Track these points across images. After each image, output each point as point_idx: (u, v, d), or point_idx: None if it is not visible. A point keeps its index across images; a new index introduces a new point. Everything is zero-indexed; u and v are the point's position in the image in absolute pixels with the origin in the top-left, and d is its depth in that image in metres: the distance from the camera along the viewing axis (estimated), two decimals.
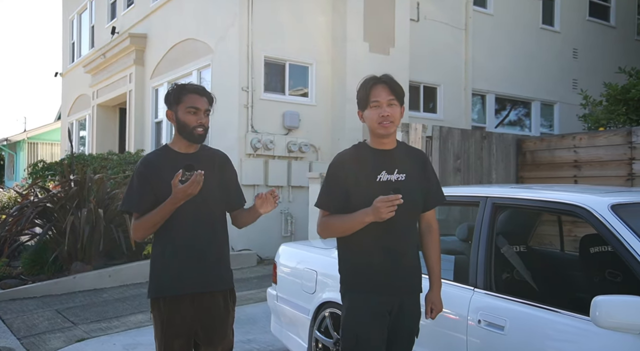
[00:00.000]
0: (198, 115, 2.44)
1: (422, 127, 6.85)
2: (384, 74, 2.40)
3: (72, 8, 16.62)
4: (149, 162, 2.51)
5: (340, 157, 2.39)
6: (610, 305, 1.98)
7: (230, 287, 2.57)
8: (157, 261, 2.47)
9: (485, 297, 2.64)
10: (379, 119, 2.28)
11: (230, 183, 2.61)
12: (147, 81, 11.48)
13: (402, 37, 10.06)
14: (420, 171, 2.38)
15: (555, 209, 2.57)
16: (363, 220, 2.20)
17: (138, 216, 2.43)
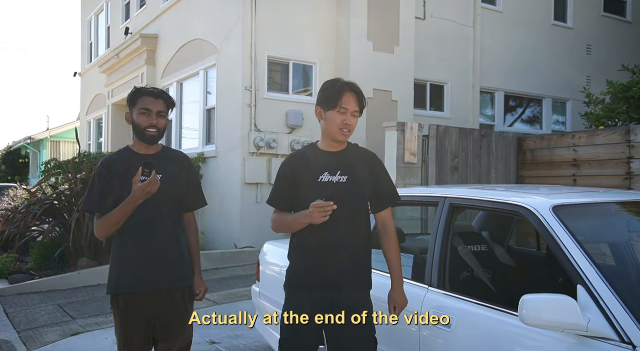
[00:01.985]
0: (150, 116, 2.52)
1: (419, 126, 6.87)
2: (351, 81, 2.45)
3: (90, 9, 17.01)
4: (109, 163, 2.59)
5: (289, 157, 2.52)
6: (537, 304, 2.02)
7: (189, 284, 2.66)
8: (116, 258, 2.56)
9: (437, 296, 2.70)
10: (341, 125, 2.35)
11: (189, 184, 2.69)
12: (158, 81, 11.70)
13: (407, 35, 10.06)
14: (367, 173, 2.43)
15: (504, 210, 2.60)
16: (302, 221, 2.31)
17: (100, 216, 2.53)
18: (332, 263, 2.36)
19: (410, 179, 6.74)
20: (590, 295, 2.03)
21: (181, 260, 2.62)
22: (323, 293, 2.36)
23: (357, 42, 9.41)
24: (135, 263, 2.52)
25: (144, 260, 2.51)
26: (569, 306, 2.00)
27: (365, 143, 9.24)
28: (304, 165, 2.41)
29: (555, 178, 7.23)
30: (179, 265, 2.60)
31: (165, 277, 2.54)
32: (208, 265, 7.89)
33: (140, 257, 2.52)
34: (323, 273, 2.36)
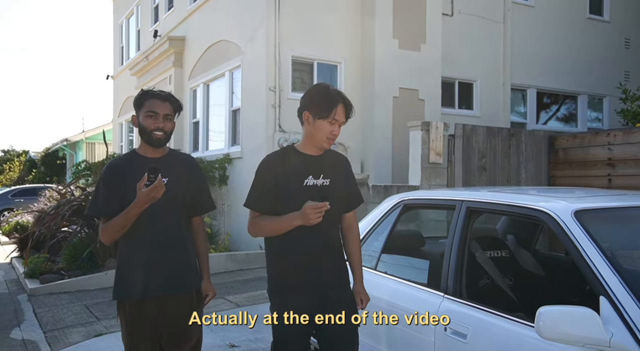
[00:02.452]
0: (156, 119, 2.47)
1: (444, 125, 6.72)
2: (340, 91, 2.48)
3: (121, 13, 17.32)
4: (114, 166, 2.55)
5: (269, 159, 2.47)
6: (555, 316, 1.90)
7: (196, 289, 2.60)
8: (122, 263, 2.52)
9: (453, 304, 2.58)
10: (329, 135, 2.38)
11: (196, 188, 2.62)
12: (186, 82, 11.81)
13: (434, 32, 9.85)
14: (342, 175, 2.51)
15: (523, 214, 2.47)
16: (291, 223, 2.32)
17: (105, 220, 2.48)
18: (323, 264, 2.41)
19: (435, 180, 6.58)
20: (613, 307, 1.89)
21: (187, 264, 2.57)
22: (314, 293, 2.39)
23: (382, 41, 9.26)
24: (141, 269, 2.46)
25: (149, 265, 2.46)
26: (589, 319, 1.86)
27: (391, 143, 9.11)
28: (286, 168, 2.41)
29: (588, 178, 6.95)
30: (185, 270, 2.55)
31: (172, 282, 2.49)
32: (232, 266, 7.90)
33: (146, 263, 2.46)
34: (316, 274, 2.39)
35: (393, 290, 2.97)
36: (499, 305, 2.48)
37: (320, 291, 2.40)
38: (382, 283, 3.07)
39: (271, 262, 2.49)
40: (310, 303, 2.39)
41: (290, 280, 2.42)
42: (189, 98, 11.72)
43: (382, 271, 3.15)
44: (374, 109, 9.14)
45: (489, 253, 2.90)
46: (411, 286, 2.89)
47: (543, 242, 4.12)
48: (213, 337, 4.95)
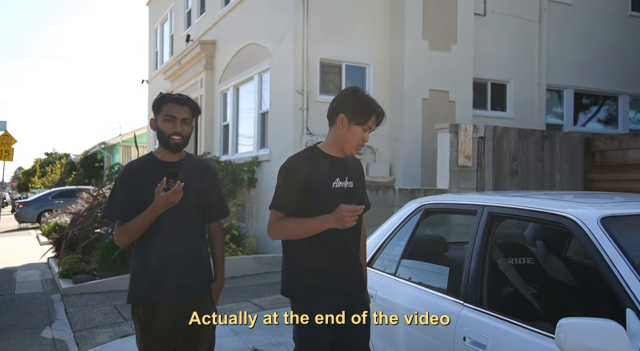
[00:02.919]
0: (174, 123, 2.45)
1: (473, 127, 6.56)
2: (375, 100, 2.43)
3: (155, 19, 17.68)
4: (131, 169, 2.54)
5: (296, 160, 2.41)
6: (577, 329, 1.79)
7: (210, 293, 2.58)
8: (136, 267, 2.50)
9: (472, 313, 2.48)
10: (360, 142, 2.37)
11: (211, 193, 2.60)
12: (216, 86, 11.94)
13: (465, 32, 9.67)
14: (360, 178, 2.52)
15: (547, 221, 2.35)
16: (322, 226, 2.27)
17: (121, 223, 2.46)
18: (349, 267, 2.41)
19: (464, 183, 6.43)
20: None
21: (201, 269, 2.54)
22: (340, 296, 2.38)
23: (412, 42, 9.14)
24: (156, 273, 2.44)
25: (164, 270, 2.44)
26: (614, 333, 1.75)
27: (421, 146, 8.96)
28: (314, 169, 2.36)
29: (628, 182, 6.67)
30: (199, 274, 2.53)
31: (185, 287, 2.47)
32: (259, 268, 7.91)
33: (160, 267, 2.44)
34: (343, 277, 2.39)
35: (412, 296, 2.89)
36: (523, 315, 2.36)
37: (346, 295, 2.40)
38: (401, 289, 2.99)
39: (297, 265, 2.42)
40: (336, 306, 2.36)
41: (319, 283, 2.37)
42: (219, 101, 11.84)
43: (402, 277, 3.07)
44: (403, 111, 9.01)
45: (512, 260, 2.78)
46: (430, 293, 2.80)
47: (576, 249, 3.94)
48: (236, 340, 4.94)
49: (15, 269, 9.66)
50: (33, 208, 19.62)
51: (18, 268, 9.72)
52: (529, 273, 2.79)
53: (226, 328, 5.25)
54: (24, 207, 20.11)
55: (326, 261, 2.35)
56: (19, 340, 5.25)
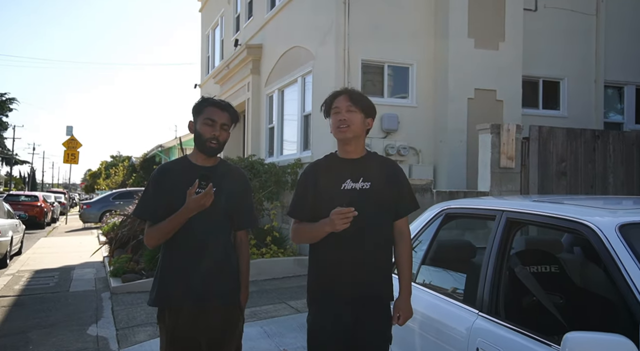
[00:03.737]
0: (214, 127, 2.43)
1: (516, 127, 6.31)
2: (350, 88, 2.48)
3: (207, 24, 18.15)
4: (164, 170, 2.53)
5: (310, 166, 2.48)
6: (583, 344, 1.67)
7: (237, 302, 2.52)
8: (163, 271, 2.48)
9: (487, 323, 2.37)
10: (337, 123, 2.35)
11: (241, 201, 2.56)
12: (262, 89, 12.10)
13: (514, 29, 9.32)
14: (389, 179, 2.39)
15: (564, 227, 2.21)
16: (323, 229, 2.26)
17: (151, 224, 2.46)
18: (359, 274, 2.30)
19: (507, 185, 6.19)
20: None
21: (230, 277, 2.49)
22: (349, 305, 2.31)
23: (457, 40, 8.90)
24: (183, 278, 2.41)
25: (191, 274, 2.40)
26: (624, 349, 1.62)
27: (466, 147, 8.71)
28: (324, 174, 2.39)
29: None
30: (227, 282, 2.47)
31: (213, 294, 2.42)
32: (299, 270, 7.92)
33: (188, 271, 2.41)
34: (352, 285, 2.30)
35: (429, 303, 2.80)
36: (543, 328, 2.23)
37: (355, 304, 2.31)
38: (419, 295, 2.90)
39: (309, 270, 2.45)
40: (343, 316, 2.31)
41: (325, 289, 2.35)
42: (265, 104, 11.99)
43: (421, 283, 2.98)
44: (448, 112, 8.80)
45: (535, 268, 2.64)
46: (447, 300, 2.70)
47: None
48: (268, 342, 4.97)
49: (73, 267, 10.16)
50: (95, 209, 20.53)
51: (76, 267, 10.21)
52: (554, 282, 2.64)
53: (260, 331, 5.30)
54: (88, 207, 21.11)
55: (331, 266, 2.32)
56: (66, 336, 5.50)
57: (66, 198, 33.78)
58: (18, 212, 17.01)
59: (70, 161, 22.81)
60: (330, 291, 2.32)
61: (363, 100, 2.38)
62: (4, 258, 10.38)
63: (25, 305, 7.04)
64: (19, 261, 11.21)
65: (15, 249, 11.71)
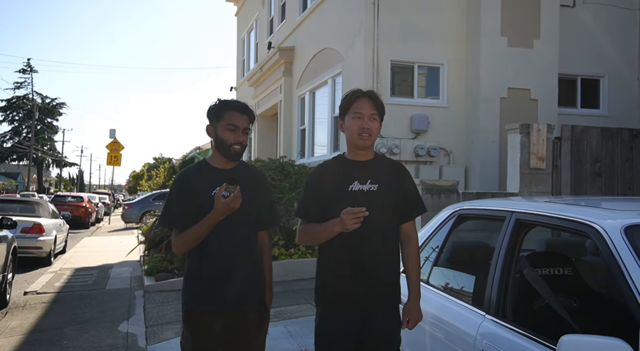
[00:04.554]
0: (237, 133, 2.42)
1: (547, 127, 6.15)
2: (369, 89, 2.46)
3: (243, 28, 18.43)
4: (187, 176, 2.50)
5: (317, 168, 2.51)
6: (578, 346, 1.62)
7: (263, 304, 2.53)
8: (190, 274, 2.47)
9: (494, 326, 2.33)
10: (359, 131, 2.32)
11: (262, 201, 2.55)
12: (294, 91, 12.20)
13: (550, 26, 9.07)
14: (395, 182, 2.39)
15: (570, 229, 2.14)
16: (332, 229, 2.27)
17: (179, 231, 2.43)
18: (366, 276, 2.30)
19: (537, 186, 6.03)
20: None
21: (256, 279, 2.49)
22: (355, 308, 2.31)
23: (489, 39, 8.74)
24: (211, 281, 2.40)
25: (218, 278, 2.40)
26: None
27: (498, 148, 8.54)
28: (331, 175, 2.39)
29: None
30: (254, 283, 2.48)
31: (244, 297, 2.43)
32: None
33: (215, 275, 2.40)
34: (358, 286, 2.30)
35: (440, 304, 2.77)
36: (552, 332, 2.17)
37: (362, 306, 2.31)
38: (430, 297, 2.88)
39: (317, 270, 2.45)
40: (350, 318, 2.31)
41: (331, 291, 2.36)
42: (297, 106, 12.08)
43: (433, 284, 2.95)
44: (479, 112, 8.65)
45: (547, 270, 2.57)
46: (456, 302, 2.67)
47: None
48: (291, 342, 5.01)
49: (111, 266, 10.49)
50: (136, 210, 21.11)
51: (114, 265, 10.54)
52: (566, 285, 2.56)
53: (283, 330, 5.34)
54: (129, 208, 21.75)
55: (338, 268, 2.32)
56: (98, 332, 5.69)
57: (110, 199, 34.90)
58: (63, 212, 17.69)
59: (113, 163, 23.52)
60: (338, 291, 2.32)
61: (382, 106, 2.39)
62: (49, 257, 10.80)
63: (64, 302, 7.32)
64: (62, 259, 11.65)
65: (60, 248, 12.17)
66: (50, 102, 57.59)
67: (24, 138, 53.99)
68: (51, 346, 5.20)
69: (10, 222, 6.87)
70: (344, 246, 2.28)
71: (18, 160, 57.30)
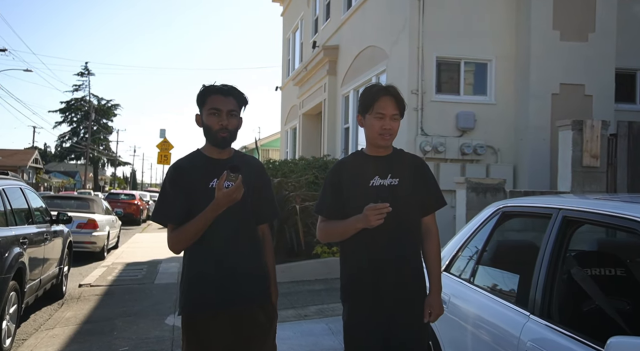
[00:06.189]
0: (220, 116, 2.24)
1: (602, 123, 5.89)
2: (390, 85, 2.39)
3: (288, 28, 18.57)
4: (180, 167, 2.31)
5: (337, 164, 2.47)
6: (625, 348, 1.54)
7: (269, 302, 2.37)
8: (190, 274, 2.28)
9: (538, 327, 2.24)
10: (380, 131, 2.30)
11: (262, 194, 2.40)
12: (338, 90, 12.18)
13: (607, 18, 8.68)
14: (415, 175, 2.37)
15: (618, 225, 2.03)
16: (355, 226, 2.24)
17: (174, 227, 2.25)
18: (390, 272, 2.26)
19: (590, 185, 5.78)
20: None
21: (262, 275, 2.34)
22: (380, 305, 2.27)
23: (540, 33, 8.44)
24: (213, 280, 2.23)
25: (222, 276, 2.23)
26: None
27: (549, 146, 8.24)
28: (351, 171, 2.37)
29: None
30: (259, 281, 2.32)
31: (246, 295, 2.25)
32: None
33: (218, 273, 2.23)
34: (382, 283, 2.26)
35: (482, 304, 2.70)
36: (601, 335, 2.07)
37: (388, 303, 2.27)
38: (473, 296, 2.81)
39: (341, 267, 2.43)
40: (377, 315, 2.28)
41: (356, 288, 2.33)
42: (341, 105, 12.06)
43: (476, 284, 2.87)
44: (529, 108, 8.37)
45: (596, 270, 2.44)
46: (499, 301, 2.59)
47: None
48: (332, 339, 5.00)
49: (160, 261, 10.79)
50: None
51: (163, 261, 10.84)
52: (618, 286, 2.43)
53: (325, 327, 5.34)
54: None
55: (362, 264, 2.29)
56: (146, 325, 5.86)
57: None
58: (116, 209, 18.33)
59: (164, 162, 24.20)
60: (364, 288, 2.29)
61: (404, 103, 2.35)
62: (102, 251, 11.24)
63: (115, 294, 7.58)
64: (114, 254, 12.09)
65: (112, 243, 12.63)
66: (105, 104, 59.89)
67: (82, 138, 56.41)
68: (102, 337, 5.39)
69: (66, 217, 7.16)
70: (367, 242, 2.25)
71: (76, 160, 59.94)
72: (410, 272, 2.31)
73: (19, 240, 5.25)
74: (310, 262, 7.77)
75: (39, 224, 6.26)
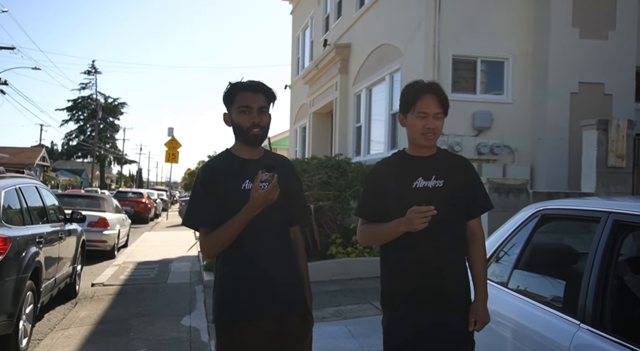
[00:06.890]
0: (251, 114, 2.17)
1: (627, 122, 5.77)
2: (432, 81, 2.30)
3: (298, 26, 18.47)
4: (212, 168, 2.23)
5: (378, 165, 2.38)
6: None
7: (305, 307, 2.28)
8: (225, 280, 2.19)
9: (590, 336, 2.14)
10: (423, 130, 2.20)
11: (294, 195, 2.31)
12: (350, 88, 12.07)
13: (628, 16, 8.55)
14: (461, 177, 2.27)
15: None
16: (397, 229, 2.15)
17: (207, 230, 2.16)
18: (435, 277, 2.18)
19: (616, 186, 5.66)
20: None
21: (298, 280, 2.27)
22: (425, 311, 2.17)
23: (559, 30, 8.31)
24: (249, 285, 2.15)
25: (258, 281, 2.16)
26: None
27: (568, 146, 8.12)
28: (393, 173, 2.27)
29: None
30: (296, 285, 2.25)
31: (282, 300, 2.18)
32: None
33: (254, 278, 2.16)
34: (426, 288, 2.17)
35: (523, 310, 2.59)
36: None
37: (431, 309, 2.18)
38: (512, 302, 2.70)
39: (382, 271, 2.34)
40: (420, 321, 2.18)
41: (397, 294, 2.24)
42: (353, 103, 11.96)
43: (513, 289, 2.77)
44: (547, 108, 8.25)
45: None
46: (543, 308, 2.48)
47: None
48: (352, 342, 4.91)
49: (171, 260, 10.74)
50: None
51: (174, 260, 10.79)
52: None
53: (344, 330, 5.25)
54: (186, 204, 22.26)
55: (404, 269, 2.20)
56: (162, 325, 5.79)
57: (168, 196, 35.95)
58: (125, 207, 18.32)
59: (171, 160, 24.21)
60: (407, 294, 2.20)
61: (447, 101, 2.24)
62: (112, 250, 11.19)
63: (128, 294, 7.52)
64: (125, 253, 12.04)
65: (122, 242, 12.59)
66: (112, 102, 60.03)
67: (88, 136, 56.55)
68: (119, 338, 5.32)
69: (80, 216, 7.10)
70: (410, 246, 2.16)
71: (82, 158, 60.12)
72: (454, 278, 2.22)
73: (35, 239, 5.19)
74: (325, 262, 7.68)
75: (54, 223, 6.20)
